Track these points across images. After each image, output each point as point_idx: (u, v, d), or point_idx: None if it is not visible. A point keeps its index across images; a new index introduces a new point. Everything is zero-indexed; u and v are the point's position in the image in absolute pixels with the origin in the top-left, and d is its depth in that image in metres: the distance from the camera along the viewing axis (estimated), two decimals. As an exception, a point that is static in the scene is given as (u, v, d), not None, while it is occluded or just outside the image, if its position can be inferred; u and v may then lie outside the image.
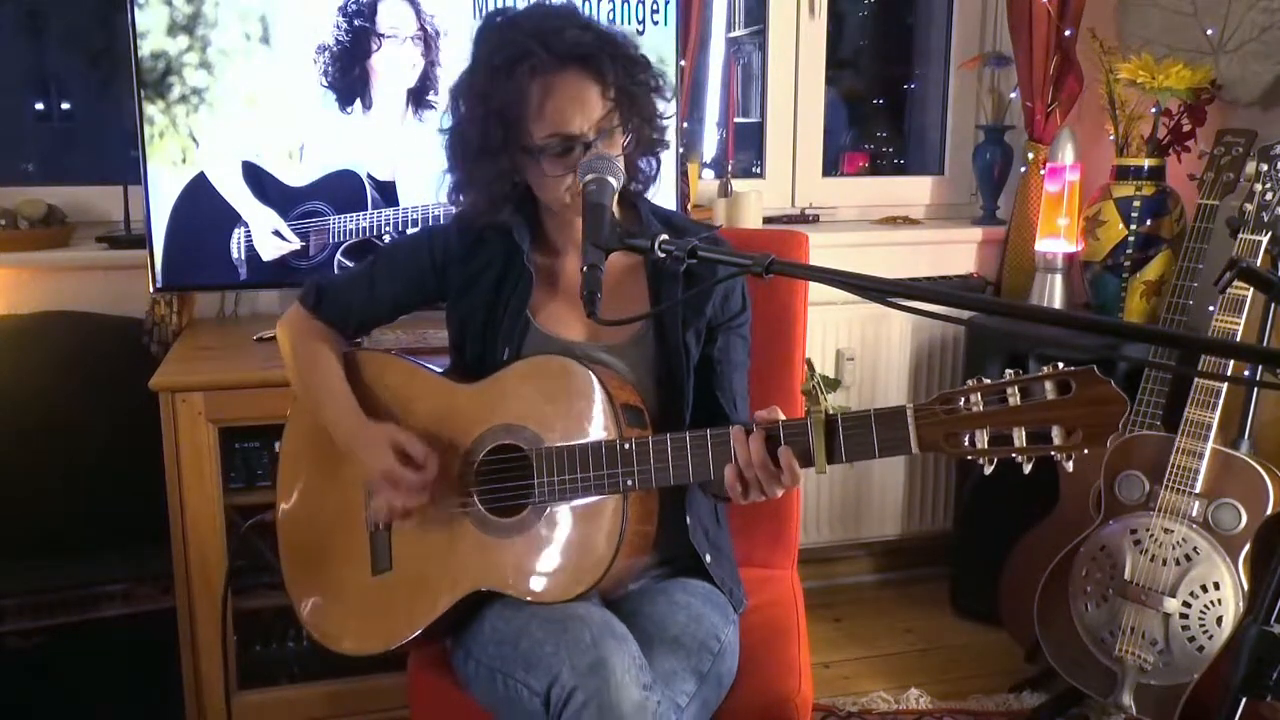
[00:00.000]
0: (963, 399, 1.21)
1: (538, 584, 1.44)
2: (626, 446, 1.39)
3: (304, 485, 1.65)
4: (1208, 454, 2.07)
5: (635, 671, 1.32)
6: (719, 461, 1.35)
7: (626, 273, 1.57)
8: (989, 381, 1.21)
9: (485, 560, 1.48)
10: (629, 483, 1.39)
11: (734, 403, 1.58)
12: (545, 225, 1.58)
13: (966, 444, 1.21)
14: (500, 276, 1.55)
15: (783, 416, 1.34)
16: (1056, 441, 1.17)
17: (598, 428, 1.43)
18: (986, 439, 1.20)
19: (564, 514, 1.45)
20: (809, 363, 1.31)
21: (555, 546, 1.45)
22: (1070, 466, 1.21)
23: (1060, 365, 1.17)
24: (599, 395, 1.43)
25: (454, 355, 1.64)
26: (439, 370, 1.60)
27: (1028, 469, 1.21)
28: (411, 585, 1.53)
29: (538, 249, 1.57)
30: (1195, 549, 2.09)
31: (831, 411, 1.28)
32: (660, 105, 1.51)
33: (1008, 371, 1.21)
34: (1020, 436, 1.19)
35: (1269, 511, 2.05)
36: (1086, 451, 1.17)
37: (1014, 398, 1.19)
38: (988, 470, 1.22)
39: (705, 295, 1.55)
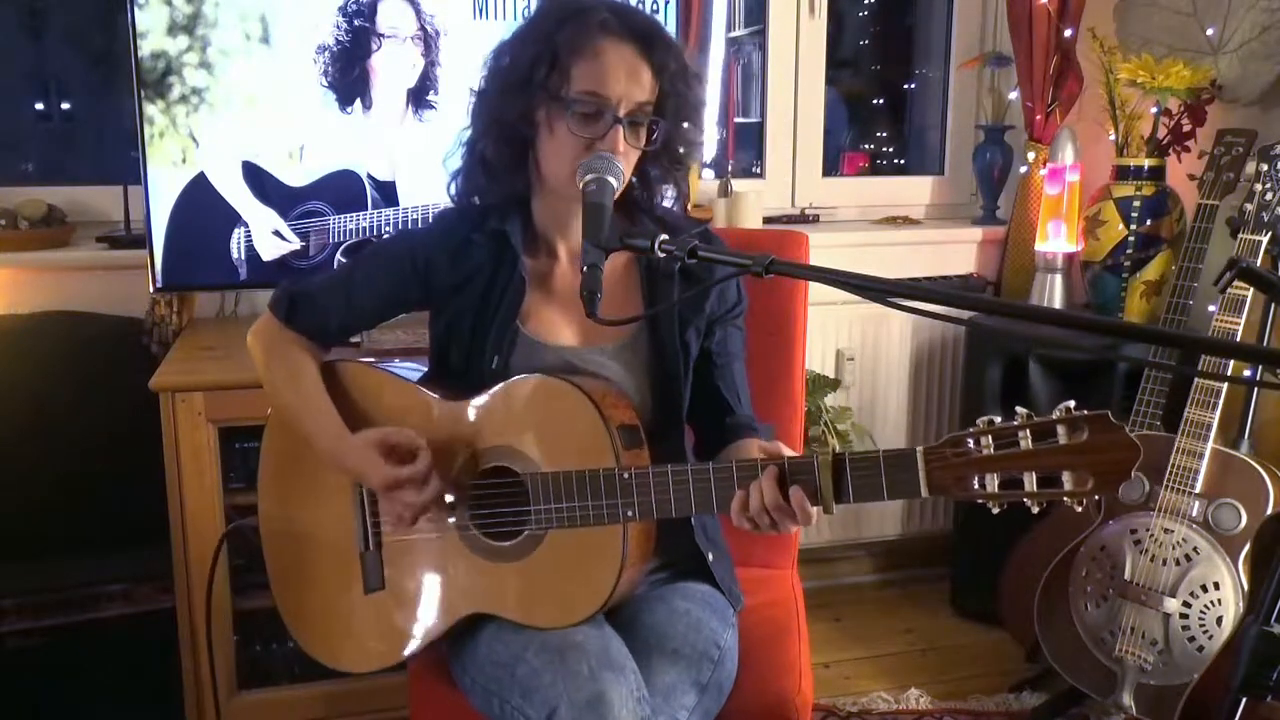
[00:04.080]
0: (973, 441, 1.19)
1: (536, 611, 1.42)
2: (626, 476, 1.36)
3: (287, 501, 1.60)
4: (1208, 454, 2.07)
5: (634, 705, 1.31)
6: (723, 499, 1.32)
7: (620, 272, 1.56)
8: (1000, 423, 1.19)
9: (481, 584, 1.46)
10: (629, 513, 1.36)
11: (736, 394, 1.58)
12: (537, 223, 1.55)
13: (976, 487, 1.19)
14: (489, 282, 1.52)
15: (787, 451, 1.33)
16: (1067, 487, 1.16)
17: (594, 453, 1.39)
18: (997, 483, 1.19)
19: (562, 541, 1.41)
20: (823, 405, 1.31)
21: (554, 574, 1.42)
22: (1079, 509, 1.20)
23: (1072, 408, 1.15)
24: (595, 419, 1.39)
25: (435, 363, 1.59)
26: (418, 380, 1.55)
27: (1035, 510, 1.20)
28: (405, 606, 1.51)
29: (529, 252, 1.54)
30: (1195, 549, 2.09)
31: (839, 451, 1.27)
32: (692, 130, 1.52)
33: (1018, 411, 1.18)
34: (1031, 481, 1.17)
35: (1269, 511, 2.05)
36: (1097, 498, 1.16)
37: (1025, 441, 1.17)
38: (995, 511, 1.21)
39: (703, 293, 1.54)
